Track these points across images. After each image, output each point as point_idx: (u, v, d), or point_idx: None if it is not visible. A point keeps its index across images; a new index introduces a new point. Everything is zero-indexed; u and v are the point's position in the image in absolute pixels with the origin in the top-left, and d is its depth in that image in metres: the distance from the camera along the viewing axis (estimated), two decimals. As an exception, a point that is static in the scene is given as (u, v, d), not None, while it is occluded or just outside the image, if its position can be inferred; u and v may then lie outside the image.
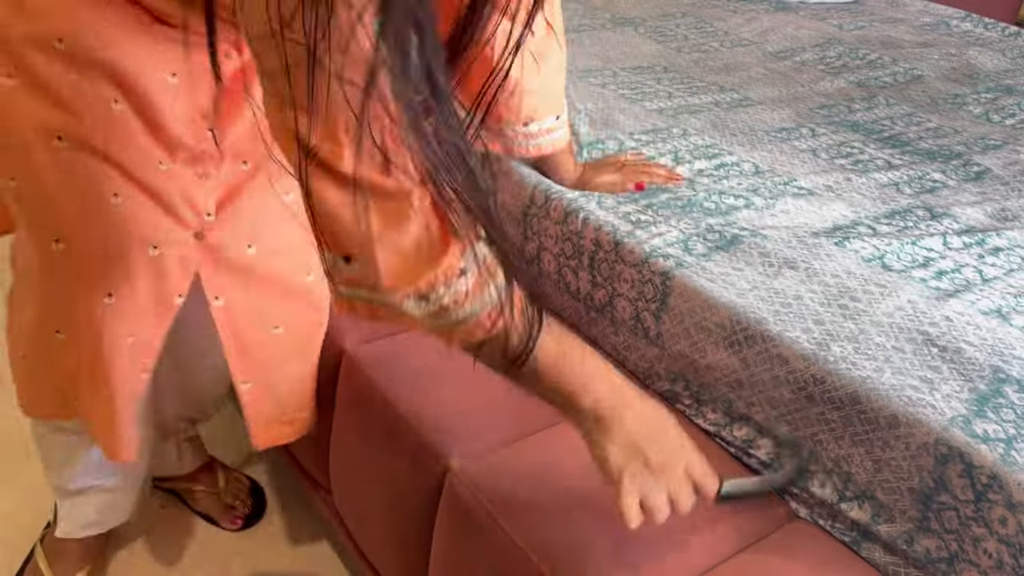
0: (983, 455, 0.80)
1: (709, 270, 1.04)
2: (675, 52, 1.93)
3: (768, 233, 1.14)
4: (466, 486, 0.92)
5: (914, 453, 0.84)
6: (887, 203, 1.30)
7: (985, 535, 0.80)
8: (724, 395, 1.01)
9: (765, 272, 1.05)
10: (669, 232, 1.11)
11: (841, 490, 0.91)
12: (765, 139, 1.49)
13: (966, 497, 0.81)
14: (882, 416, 0.87)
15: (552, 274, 1.20)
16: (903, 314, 0.99)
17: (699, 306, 1.01)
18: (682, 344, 1.03)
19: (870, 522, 0.89)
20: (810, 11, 2.44)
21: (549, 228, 1.18)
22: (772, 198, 1.26)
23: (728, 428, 1.01)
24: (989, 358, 0.93)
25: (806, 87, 1.82)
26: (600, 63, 1.76)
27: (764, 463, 0.97)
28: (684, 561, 0.85)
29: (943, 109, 1.80)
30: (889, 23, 2.45)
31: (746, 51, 2.02)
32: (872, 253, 1.12)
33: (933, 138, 1.62)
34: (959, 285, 1.07)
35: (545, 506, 0.88)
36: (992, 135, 1.68)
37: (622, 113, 1.49)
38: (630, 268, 1.08)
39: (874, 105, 1.77)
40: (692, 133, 1.45)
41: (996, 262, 1.15)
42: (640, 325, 1.08)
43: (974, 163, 1.52)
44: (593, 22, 2.05)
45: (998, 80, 2.05)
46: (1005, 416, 0.86)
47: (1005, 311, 1.02)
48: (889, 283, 1.05)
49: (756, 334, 0.96)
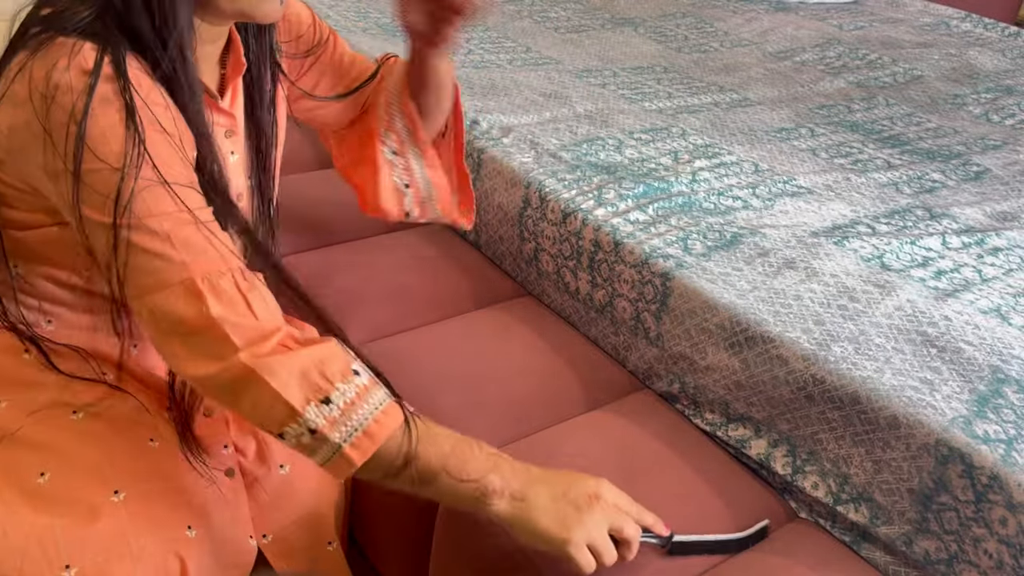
0: (983, 456, 0.80)
1: (709, 270, 1.04)
2: (675, 52, 1.93)
3: (768, 232, 1.14)
4: (466, 486, 0.92)
5: (914, 454, 0.84)
6: (886, 203, 1.30)
7: (985, 536, 0.80)
8: (723, 395, 1.01)
9: (765, 272, 1.05)
10: (669, 232, 1.11)
11: (837, 492, 0.91)
12: (765, 139, 1.49)
13: (966, 498, 0.81)
14: (882, 417, 0.87)
15: (551, 274, 1.20)
16: (902, 314, 0.99)
17: (699, 307, 1.01)
18: (682, 345, 1.03)
19: (868, 524, 0.88)
20: (810, 11, 2.44)
21: (546, 229, 1.18)
22: (771, 198, 1.26)
23: (724, 428, 1.01)
24: (988, 358, 0.93)
25: (806, 87, 1.82)
26: (600, 63, 1.76)
27: (758, 463, 0.97)
28: (684, 561, 0.85)
29: (943, 109, 1.80)
30: (889, 23, 2.45)
31: (746, 51, 2.02)
32: (871, 253, 1.12)
33: (933, 138, 1.62)
34: (958, 285, 1.07)
35: (545, 506, 0.88)
36: (992, 135, 1.68)
37: (622, 113, 1.49)
38: (630, 269, 1.08)
39: (874, 105, 1.77)
40: (692, 133, 1.45)
41: (995, 262, 1.15)
42: (640, 326, 1.08)
43: (973, 163, 1.52)
44: (593, 22, 2.06)
45: (998, 80, 2.05)
46: (1005, 416, 0.86)
47: (1004, 311, 1.02)
48: (888, 283, 1.05)
49: (756, 335, 0.96)
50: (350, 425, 0.73)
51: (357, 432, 0.73)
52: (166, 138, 0.72)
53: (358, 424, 0.73)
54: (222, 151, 0.84)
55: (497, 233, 1.28)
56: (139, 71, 0.72)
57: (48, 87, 0.69)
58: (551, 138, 1.34)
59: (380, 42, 1.63)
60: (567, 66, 1.70)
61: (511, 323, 1.15)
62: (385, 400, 0.75)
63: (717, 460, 0.99)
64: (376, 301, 1.18)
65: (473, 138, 1.32)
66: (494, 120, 1.37)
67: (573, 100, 1.51)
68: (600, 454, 0.95)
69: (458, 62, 1.62)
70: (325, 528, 1.02)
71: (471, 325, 1.14)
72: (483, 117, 1.36)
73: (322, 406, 0.72)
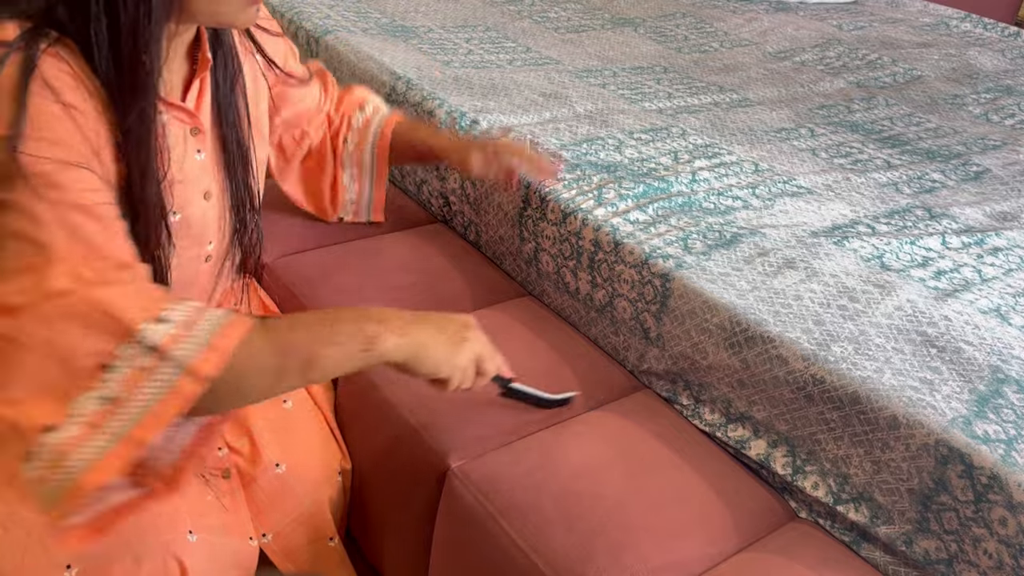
0: (983, 456, 0.80)
1: (709, 270, 1.04)
2: (675, 52, 1.93)
3: (768, 232, 1.14)
4: (466, 486, 0.92)
5: (914, 454, 0.84)
6: (886, 203, 1.30)
7: (985, 536, 0.80)
8: (724, 395, 1.01)
9: (765, 272, 1.05)
10: (669, 232, 1.11)
11: (837, 492, 0.91)
12: (764, 139, 1.49)
13: (966, 498, 0.81)
14: (882, 417, 0.87)
15: (551, 274, 1.20)
16: (902, 314, 0.99)
17: (699, 307, 1.01)
18: (683, 345, 1.03)
19: (868, 524, 0.89)
20: (810, 11, 2.44)
21: (546, 229, 1.18)
22: (771, 198, 1.26)
23: (723, 429, 1.01)
24: (988, 358, 0.93)
25: (806, 87, 1.82)
26: (600, 63, 1.76)
27: (758, 463, 0.97)
28: (684, 561, 0.85)
29: (943, 109, 1.80)
30: (889, 23, 2.45)
31: (746, 51, 2.02)
32: (871, 252, 1.12)
33: (932, 138, 1.62)
34: (958, 285, 1.07)
35: (544, 506, 0.88)
36: (991, 135, 1.68)
37: (622, 113, 1.49)
38: (630, 269, 1.08)
39: (873, 105, 1.77)
40: (692, 133, 1.45)
41: (995, 262, 1.15)
42: (640, 326, 1.08)
43: (973, 163, 1.52)
44: (593, 22, 2.06)
45: (998, 80, 2.05)
46: (1005, 416, 0.86)
47: (1004, 311, 1.02)
48: (888, 283, 1.05)
49: (756, 335, 0.96)
50: (194, 340, 0.68)
51: (202, 346, 0.67)
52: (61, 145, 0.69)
53: (202, 339, 0.68)
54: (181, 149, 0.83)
55: (497, 233, 1.28)
56: (63, 70, 0.68)
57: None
58: (551, 138, 1.34)
59: (380, 42, 1.63)
60: (567, 66, 1.70)
61: (511, 323, 1.15)
62: (227, 314, 0.71)
63: (717, 460, 0.99)
64: (376, 301, 1.18)
65: (473, 138, 1.32)
66: (494, 120, 1.37)
67: (573, 100, 1.51)
68: (600, 454, 0.95)
69: (458, 62, 1.62)
70: (325, 525, 1.03)
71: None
72: (483, 117, 1.36)
73: (159, 324, 0.67)
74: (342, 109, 1.21)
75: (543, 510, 0.88)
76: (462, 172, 1.16)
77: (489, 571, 0.89)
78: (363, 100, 1.23)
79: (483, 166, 1.12)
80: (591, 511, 0.87)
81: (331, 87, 1.19)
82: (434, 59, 1.60)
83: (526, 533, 0.86)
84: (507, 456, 0.95)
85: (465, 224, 1.36)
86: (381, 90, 1.48)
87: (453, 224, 1.39)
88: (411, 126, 1.23)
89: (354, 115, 1.21)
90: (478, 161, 1.12)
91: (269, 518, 0.97)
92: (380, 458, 1.05)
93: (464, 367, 0.84)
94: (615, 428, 0.99)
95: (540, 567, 0.84)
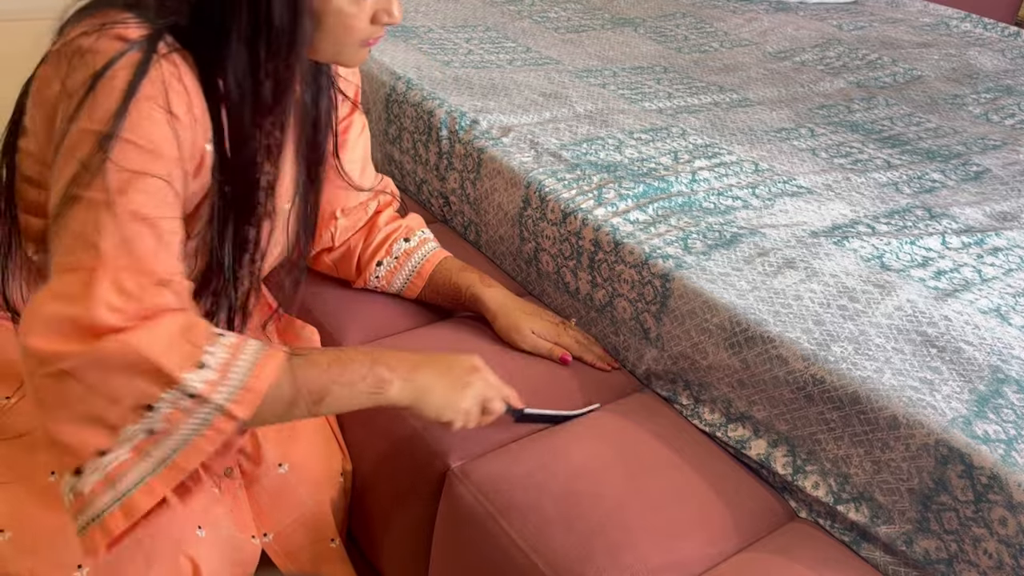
0: (983, 456, 0.80)
1: (709, 270, 1.04)
2: (675, 52, 1.93)
3: (768, 232, 1.14)
4: (466, 486, 0.92)
5: (914, 454, 0.84)
6: (886, 203, 1.30)
7: (985, 536, 0.80)
8: (724, 395, 1.01)
9: (765, 272, 1.05)
10: (669, 232, 1.11)
11: (837, 492, 0.91)
12: (764, 139, 1.49)
13: (966, 498, 0.81)
14: (882, 417, 0.87)
15: (551, 274, 1.20)
16: (902, 314, 0.99)
17: (699, 307, 1.01)
18: (683, 345, 1.03)
19: (868, 523, 0.89)
20: (810, 11, 2.44)
21: (546, 229, 1.18)
22: (771, 198, 1.26)
23: (723, 429, 1.01)
24: (988, 358, 0.93)
25: (806, 87, 1.82)
26: (600, 63, 1.76)
27: (758, 463, 0.97)
28: (684, 561, 0.85)
29: (943, 109, 1.80)
30: (889, 23, 2.45)
31: (746, 51, 2.02)
32: (871, 252, 1.12)
33: (932, 138, 1.62)
34: (958, 285, 1.07)
35: (544, 506, 0.88)
36: (991, 135, 1.68)
37: (622, 113, 1.49)
38: (630, 269, 1.08)
39: (874, 105, 1.77)
40: (692, 133, 1.45)
41: (995, 262, 1.15)
42: (640, 326, 1.08)
43: (973, 163, 1.52)
44: (593, 22, 2.05)
45: (998, 80, 2.05)
46: (1005, 416, 0.86)
47: (1004, 311, 1.02)
48: (888, 283, 1.05)
49: (756, 335, 0.96)
50: (230, 384, 0.73)
51: (238, 389, 0.73)
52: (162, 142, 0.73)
53: (238, 382, 0.73)
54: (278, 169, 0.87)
55: (497, 233, 1.29)
56: (175, 76, 0.73)
57: (81, 48, 0.71)
58: (551, 138, 1.34)
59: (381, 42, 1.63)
60: (567, 66, 1.70)
61: (511, 323, 1.15)
62: (260, 351, 0.75)
63: (717, 460, 0.99)
64: (376, 301, 1.18)
65: (473, 138, 1.32)
66: (494, 120, 1.37)
67: (573, 100, 1.51)
68: (600, 454, 0.95)
69: (458, 62, 1.62)
70: (326, 526, 1.03)
71: (471, 326, 1.14)
72: (483, 117, 1.36)
73: (199, 371, 0.71)
74: (388, 228, 1.15)
75: (543, 510, 0.88)
76: (505, 337, 1.10)
77: (489, 571, 0.89)
78: (411, 230, 1.16)
79: (534, 346, 1.09)
80: (591, 511, 0.87)
81: (390, 196, 1.16)
82: (434, 59, 1.60)
83: (526, 533, 0.86)
84: (507, 456, 0.95)
85: (465, 224, 1.36)
86: (381, 90, 1.49)
87: (453, 224, 1.39)
88: (460, 266, 1.15)
89: (397, 243, 1.15)
90: (528, 340, 1.09)
91: (271, 518, 0.97)
92: (380, 458, 1.05)
93: (467, 410, 0.87)
94: (615, 428, 0.99)
95: (540, 567, 0.84)
